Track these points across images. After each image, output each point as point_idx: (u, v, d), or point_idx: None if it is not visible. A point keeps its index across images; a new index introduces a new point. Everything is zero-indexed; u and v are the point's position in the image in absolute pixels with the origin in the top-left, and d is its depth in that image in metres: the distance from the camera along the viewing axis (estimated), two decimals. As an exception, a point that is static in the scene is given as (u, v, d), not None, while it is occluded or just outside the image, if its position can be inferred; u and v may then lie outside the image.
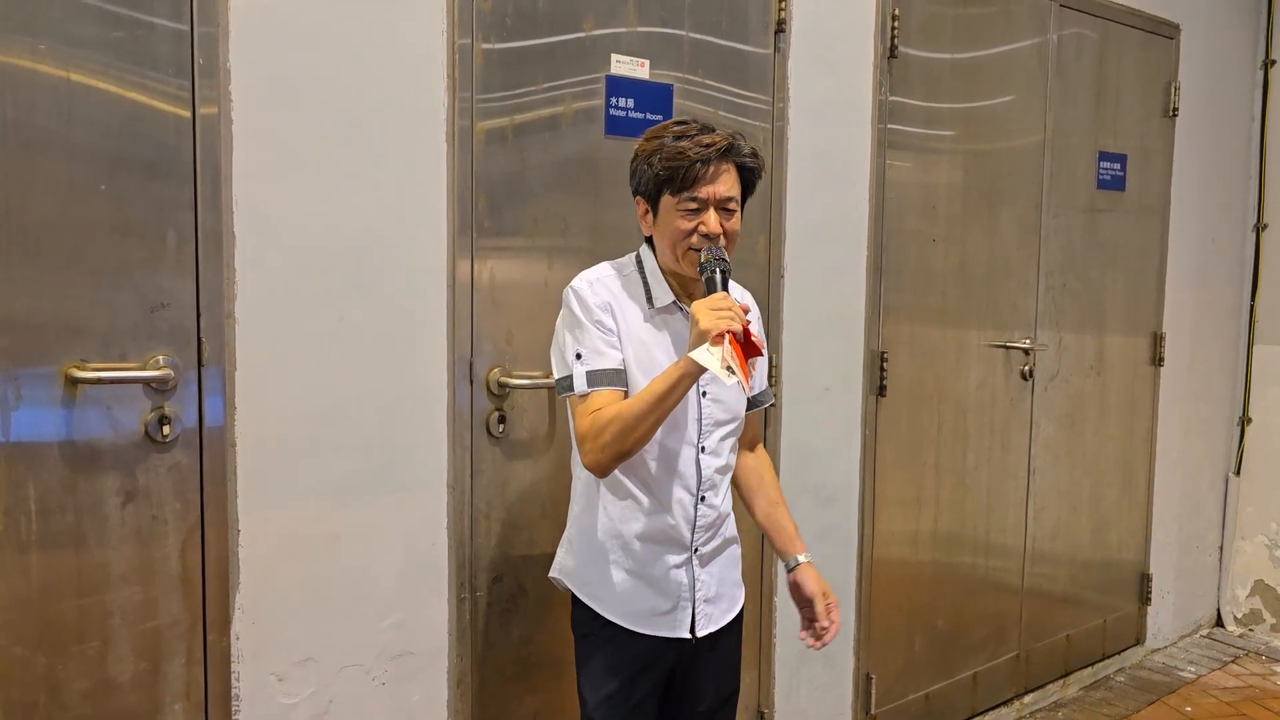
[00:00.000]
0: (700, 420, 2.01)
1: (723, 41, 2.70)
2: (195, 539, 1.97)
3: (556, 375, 2.00)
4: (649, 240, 2.04)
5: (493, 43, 2.29)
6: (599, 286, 1.97)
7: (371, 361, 2.17)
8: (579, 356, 1.93)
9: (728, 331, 1.76)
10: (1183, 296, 4.25)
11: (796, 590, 2.17)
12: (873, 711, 3.27)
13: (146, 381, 1.88)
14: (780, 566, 2.94)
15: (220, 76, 1.93)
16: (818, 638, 2.15)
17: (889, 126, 3.11)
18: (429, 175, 2.22)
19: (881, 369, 3.16)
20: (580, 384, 1.92)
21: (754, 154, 1.98)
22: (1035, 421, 3.70)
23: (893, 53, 3.09)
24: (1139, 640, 4.30)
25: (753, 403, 2.16)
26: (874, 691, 3.26)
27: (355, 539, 2.18)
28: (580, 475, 2.06)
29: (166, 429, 1.90)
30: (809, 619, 2.16)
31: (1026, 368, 3.63)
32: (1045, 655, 3.86)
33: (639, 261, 2.04)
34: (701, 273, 1.89)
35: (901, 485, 3.30)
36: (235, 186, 1.97)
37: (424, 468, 2.26)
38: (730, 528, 2.13)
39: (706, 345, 1.76)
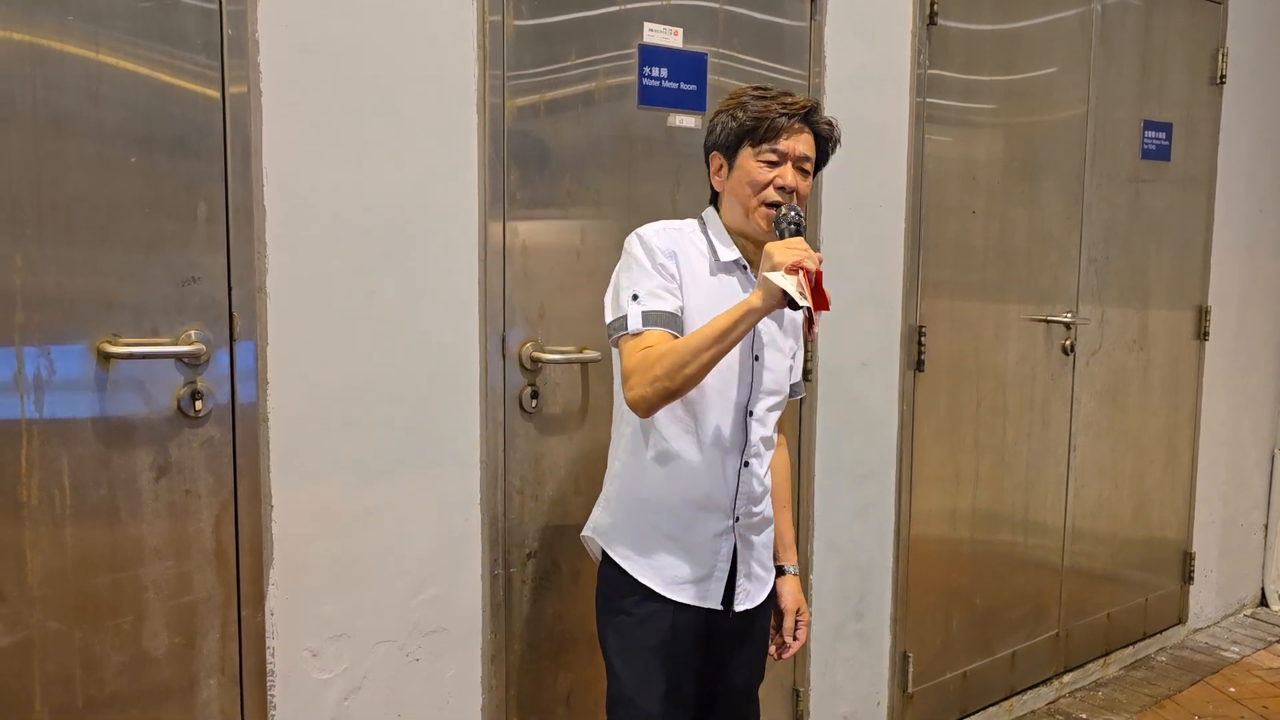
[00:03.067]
0: (752, 383, 1.99)
1: (757, 13, 2.65)
2: (229, 514, 1.97)
3: (609, 319, 1.95)
4: (714, 202, 2.06)
5: (524, 17, 2.26)
6: (664, 235, 1.96)
7: (403, 336, 2.16)
8: (635, 298, 1.90)
9: (801, 266, 1.74)
10: (1229, 269, 4.16)
11: (775, 599, 2.17)
12: (910, 690, 3.24)
13: (178, 356, 1.88)
14: (817, 543, 2.93)
15: (249, 50, 1.92)
16: (778, 649, 2.18)
17: (928, 99, 3.04)
18: (460, 149, 2.20)
19: (919, 343, 3.11)
20: (635, 322, 1.88)
21: (831, 124, 2.02)
22: (1076, 397, 3.64)
23: (932, 22, 3.02)
24: (1181, 619, 4.23)
25: (790, 390, 2.14)
26: (911, 670, 3.23)
27: (388, 515, 2.18)
28: (624, 432, 2.04)
29: (199, 404, 1.90)
30: (777, 628, 2.19)
31: (1068, 342, 3.57)
32: (1085, 634, 3.81)
33: (702, 222, 2.05)
34: (777, 225, 1.89)
35: (939, 462, 3.25)
36: (265, 160, 1.96)
37: (457, 443, 2.25)
38: (769, 508, 2.11)
39: (781, 272, 1.73)
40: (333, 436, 2.09)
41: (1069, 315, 3.55)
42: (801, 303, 1.72)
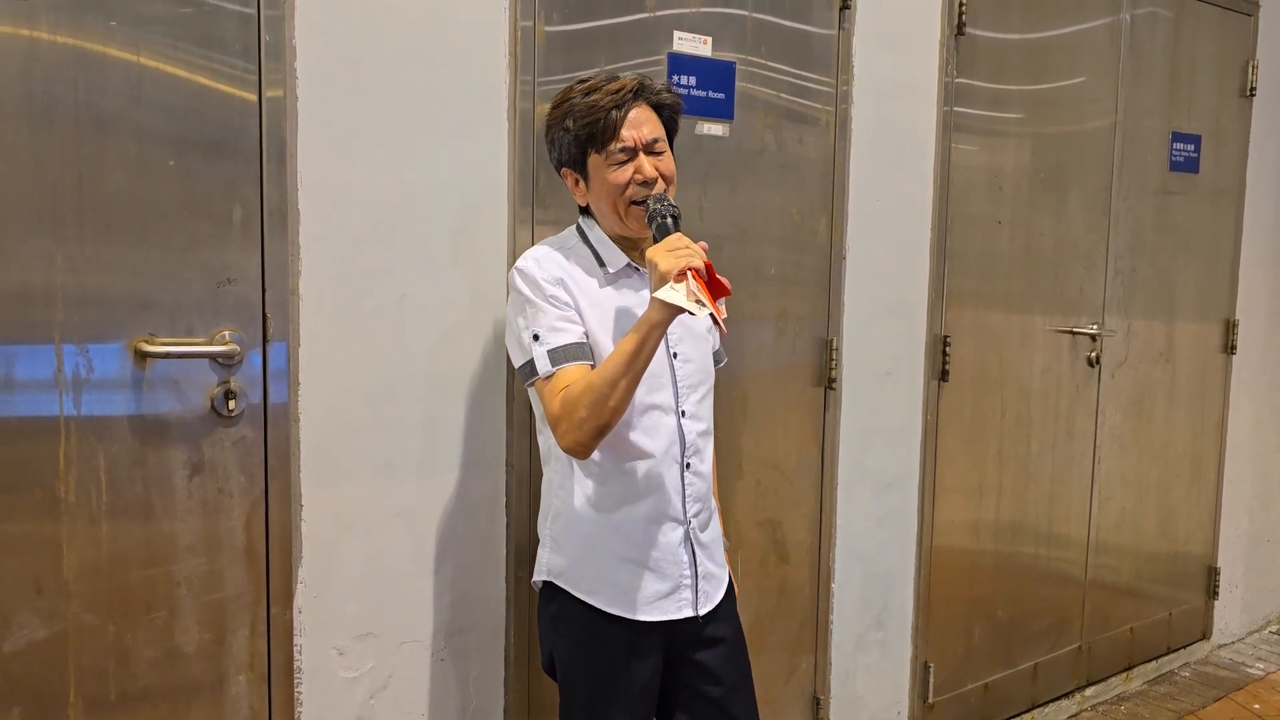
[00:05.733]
0: (676, 383, 1.95)
1: (786, 21, 2.66)
2: (259, 513, 1.99)
3: (517, 363, 1.91)
4: (585, 212, 1.99)
5: (555, 24, 2.28)
6: (546, 262, 1.89)
7: (432, 339, 2.18)
8: (536, 338, 1.84)
9: (689, 268, 1.69)
10: (1257, 282, 4.14)
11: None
12: (930, 700, 3.23)
13: (213, 356, 1.91)
14: (839, 551, 2.94)
15: (286, 56, 1.95)
16: None
17: (955, 108, 3.05)
18: (491, 154, 2.22)
19: (944, 353, 3.11)
20: (544, 365, 1.83)
21: (668, 89, 1.94)
22: (1101, 409, 3.63)
23: (960, 31, 3.03)
24: (1205, 635, 4.20)
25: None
26: (932, 680, 3.22)
27: (416, 515, 2.20)
28: (554, 468, 1.99)
29: (232, 403, 1.93)
30: None
31: (1093, 354, 3.56)
32: (1108, 648, 3.79)
33: (581, 233, 1.98)
34: (650, 222, 1.83)
35: (963, 472, 3.25)
36: (300, 163, 1.98)
37: (484, 446, 2.27)
38: (712, 501, 2.06)
39: (669, 284, 1.68)
40: (362, 437, 2.11)
41: (1095, 327, 3.54)
42: (700, 312, 1.66)
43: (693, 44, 2.49)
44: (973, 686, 3.36)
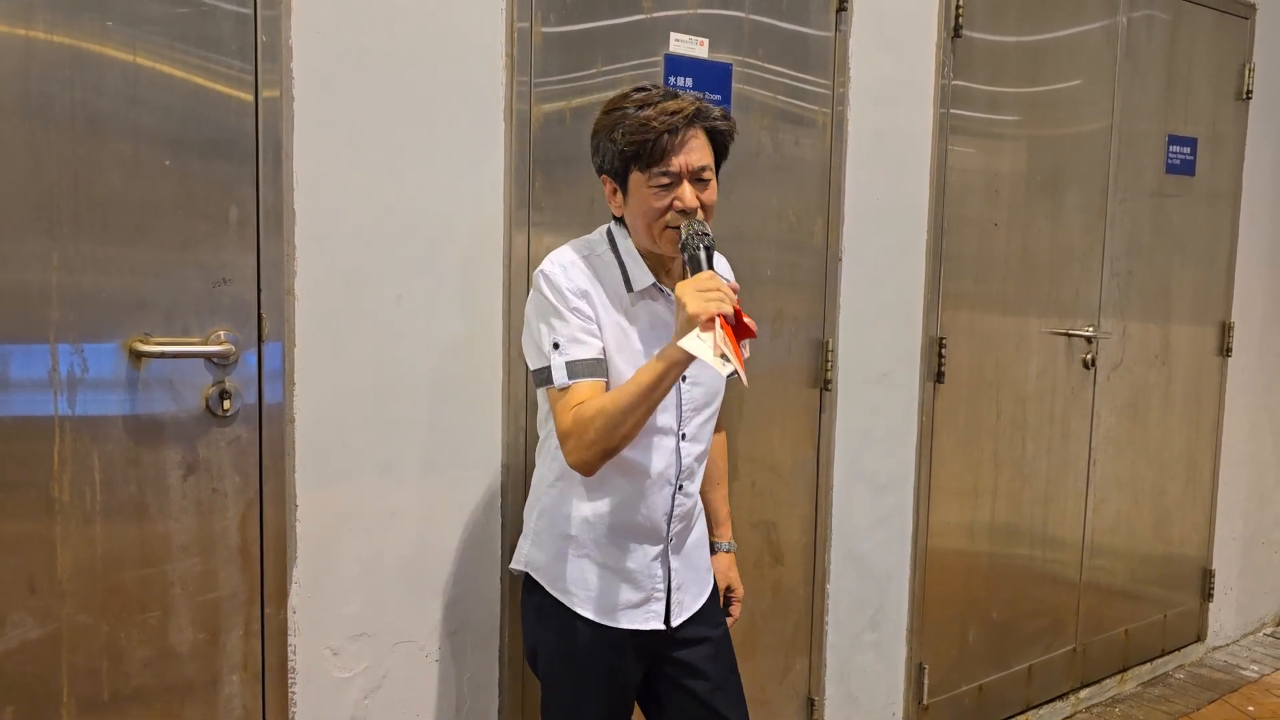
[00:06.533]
0: (681, 405, 1.93)
1: (783, 23, 2.67)
2: (254, 513, 1.99)
3: (533, 366, 1.89)
4: (618, 220, 1.95)
5: (552, 25, 2.28)
6: (574, 271, 1.86)
7: (428, 340, 2.18)
8: (556, 346, 1.82)
9: (718, 315, 1.63)
10: (1253, 285, 4.14)
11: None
12: (925, 702, 3.23)
13: (208, 356, 1.91)
14: (835, 552, 2.94)
15: (283, 56, 1.95)
16: None
17: (951, 111, 3.05)
18: (487, 155, 2.22)
19: (940, 355, 3.12)
20: (560, 376, 1.81)
21: (724, 116, 1.86)
22: (1096, 411, 3.63)
23: (957, 34, 3.03)
24: (1200, 637, 4.21)
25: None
26: (926, 681, 3.22)
27: (411, 516, 2.20)
28: (551, 466, 1.98)
29: (227, 403, 1.93)
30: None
31: (1089, 356, 3.56)
32: (1103, 650, 3.80)
33: (611, 240, 1.94)
34: (683, 250, 1.78)
35: (958, 474, 3.25)
36: (296, 164, 1.98)
37: (479, 447, 2.27)
38: (699, 508, 2.08)
39: (696, 331, 1.62)
40: (357, 438, 2.11)
41: (1090, 329, 3.55)
42: (724, 369, 1.60)
43: (689, 45, 2.49)
44: (967, 688, 3.36)
